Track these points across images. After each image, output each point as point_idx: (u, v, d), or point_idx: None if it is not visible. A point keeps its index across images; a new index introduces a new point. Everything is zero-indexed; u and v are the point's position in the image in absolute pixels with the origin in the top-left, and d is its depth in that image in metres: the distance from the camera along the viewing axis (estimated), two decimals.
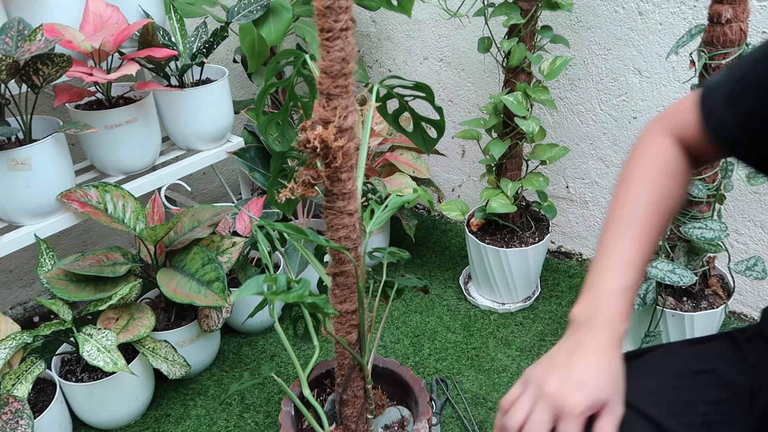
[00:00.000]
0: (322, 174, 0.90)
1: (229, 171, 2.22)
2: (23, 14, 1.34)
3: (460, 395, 1.47)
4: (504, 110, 1.55)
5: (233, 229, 1.63)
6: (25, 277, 1.82)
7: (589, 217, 1.84)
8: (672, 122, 0.72)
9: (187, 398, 1.52)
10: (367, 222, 0.98)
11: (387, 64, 2.13)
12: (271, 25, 1.59)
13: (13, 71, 1.20)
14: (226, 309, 1.52)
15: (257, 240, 1.01)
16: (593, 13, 1.58)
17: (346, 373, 1.09)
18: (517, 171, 1.66)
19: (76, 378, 1.38)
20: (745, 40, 1.16)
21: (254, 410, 1.48)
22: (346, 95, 0.85)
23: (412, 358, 1.60)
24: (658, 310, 1.38)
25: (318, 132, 0.84)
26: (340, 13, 0.79)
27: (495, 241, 1.68)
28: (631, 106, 1.61)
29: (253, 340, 1.69)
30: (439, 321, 1.72)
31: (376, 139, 1.83)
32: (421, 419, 1.13)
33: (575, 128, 1.74)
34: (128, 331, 1.35)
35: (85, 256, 1.39)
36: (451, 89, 1.99)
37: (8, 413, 1.18)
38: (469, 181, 2.10)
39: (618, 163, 1.69)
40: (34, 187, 1.32)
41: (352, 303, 1.02)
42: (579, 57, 1.65)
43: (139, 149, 1.51)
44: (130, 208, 1.42)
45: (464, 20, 1.83)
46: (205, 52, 1.58)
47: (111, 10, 1.40)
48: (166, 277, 1.40)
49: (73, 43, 1.29)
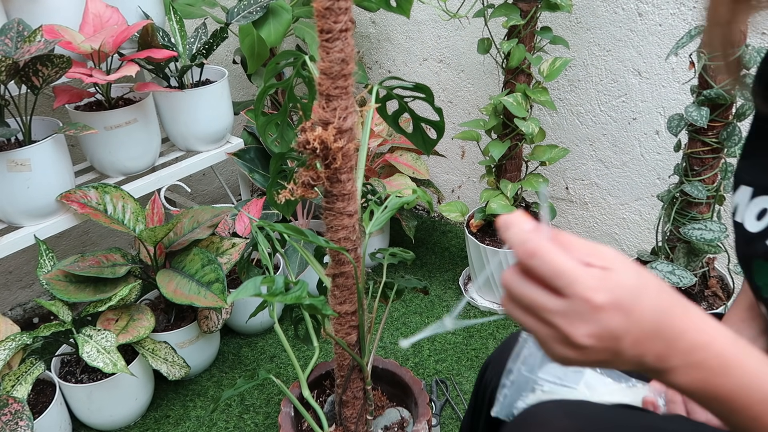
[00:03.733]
0: (322, 175, 0.90)
1: (228, 172, 2.22)
2: (23, 15, 1.34)
3: (460, 396, 1.47)
4: (504, 111, 1.55)
5: (233, 230, 1.63)
6: (25, 278, 1.82)
7: (588, 218, 1.84)
8: None
9: (186, 399, 1.52)
10: (367, 223, 0.98)
11: (386, 65, 2.13)
12: (270, 26, 1.60)
13: (13, 72, 1.20)
14: (225, 310, 1.51)
15: (257, 241, 1.01)
16: (593, 14, 1.58)
17: (345, 374, 1.09)
18: (517, 172, 1.66)
19: (75, 379, 1.38)
20: (745, 41, 1.16)
21: (254, 411, 1.48)
22: (346, 96, 0.85)
23: (412, 359, 1.60)
24: None
25: (317, 133, 0.84)
26: (339, 14, 0.79)
27: (495, 242, 1.68)
28: (631, 107, 1.61)
29: (253, 341, 1.69)
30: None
31: (376, 140, 1.83)
32: (420, 420, 1.13)
33: (575, 129, 1.74)
34: (128, 332, 1.35)
35: (85, 257, 1.39)
36: (451, 90, 1.99)
37: (8, 414, 1.18)
38: (468, 182, 2.10)
39: (618, 164, 1.70)
40: (34, 188, 1.32)
41: (352, 304, 1.02)
42: (578, 58, 1.65)
43: (139, 150, 1.51)
44: (130, 209, 1.42)
45: (464, 21, 1.83)
46: (205, 53, 1.58)
47: (110, 11, 1.40)
48: (166, 278, 1.40)
49: (72, 44, 1.29)
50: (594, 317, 0.42)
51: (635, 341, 0.43)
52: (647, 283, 0.44)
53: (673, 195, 1.34)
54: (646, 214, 1.70)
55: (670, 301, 0.45)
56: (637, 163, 1.65)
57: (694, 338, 0.44)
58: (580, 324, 0.42)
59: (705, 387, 0.45)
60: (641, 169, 1.65)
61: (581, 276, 0.42)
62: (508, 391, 0.76)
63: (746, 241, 0.61)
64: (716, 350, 0.45)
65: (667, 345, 0.44)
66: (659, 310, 0.43)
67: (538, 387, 0.75)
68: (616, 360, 0.45)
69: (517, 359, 0.77)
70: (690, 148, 1.29)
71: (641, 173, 1.66)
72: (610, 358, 0.44)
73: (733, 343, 0.45)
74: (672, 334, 0.44)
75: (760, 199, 0.60)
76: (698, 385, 0.45)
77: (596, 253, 0.44)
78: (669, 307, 0.44)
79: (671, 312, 0.44)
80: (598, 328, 0.42)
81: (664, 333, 0.44)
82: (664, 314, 0.44)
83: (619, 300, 0.42)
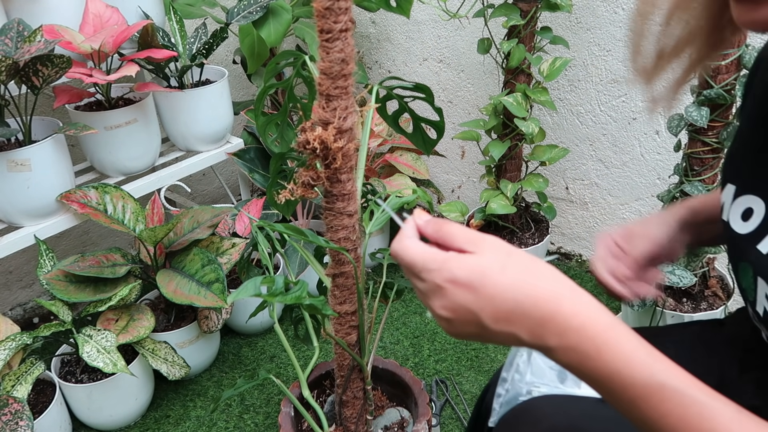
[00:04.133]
0: (322, 175, 0.90)
1: (228, 172, 2.22)
2: (23, 15, 1.34)
3: (460, 396, 1.47)
4: (504, 111, 1.55)
5: (233, 230, 1.63)
6: (25, 278, 1.82)
7: (588, 218, 1.84)
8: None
9: (186, 399, 1.52)
10: (367, 223, 0.98)
11: (386, 65, 2.13)
12: (270, 26, 1.60)
13: (13, 72, 1.20)
14: (225, 310, 1.52)
15: (257, 241, 1.01)
16: (593, 14, 1.58)
17: (345, 374, 1.09)
18: (517, 172, 1.66)
19: (75, 379, 1.38)
20: (745, 41, 1.17)
21: (254, 411, 1.48)
22: (346, 96, 0.85)
23: (412, 359, 1.60)
24: (658, 311, 1.37)
25: (317, 133, 0.84)
26: (339, 14, 0.79)
27: None
28: (631, 107, 1.61)
29: (253, 341, 1.69)
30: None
31: (376, 140, 1.83)
32: (420, 420, 1.13)
33: (575, 129, 1.74)
34: (128, 332, 1.35)
35: (85, 257, 1.39)
36: (451, 90, 1.99)
37: (8, 414, 1.18)
38: (468, 182, 2.10)
39: (618, 164, 1.70)
40: (34, 188, 1.32)
41: (352, 304, 1.02)
42: (578, 58, 1.65)
43: (139, 150, 1.51)
44: (130, 209, 1.42)
45: (464, 21, 1.83)
46: (205, 53, 1.58)
47: (111, 11, 1.40)
48: (166, 278, 1.40)
49: (72, 44, 1.29)
50: (441, 293, 0.49)
51: (494, 318, 0.48)
52: (506, 266, 0.48)
53: (673, 195, 1.34)
54: (646, 214, 1.70)
55: (535, 284, 0.48)
56: (637, 163, 1.65)
57: (567, 321, 0.47)
58: (435, 298, 0.50)
59: (582, 368, 0.47)
60: (641, 169, 1.65)
61: (426, 260, 0.50)
62: (504, 399, 0.75)
63: (733, 241, 0.61)
64: (590, 334, 0.46)
65: (537, 324, 0.47)
66: (517, 289, 0.47)
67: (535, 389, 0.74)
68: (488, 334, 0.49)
69: (510, 368, 0.77)
70: (690, 148, 1.29)
71: (641, 173, 1.66)
72: (481, 332, 0.49)
73: (611, 328, 0.47)
74: (539, 314, 0.47)
75: (744, 198, 0.60)
76: (576, 366, 0.48)
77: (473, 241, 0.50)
78: (531, 289, 0.47)
79: (535, 293, 0.47)
80: (448, 302, 0.49)
81: (530, 312, 0.47)
82: (524, 295, 0.47)
83: (461, 278, 0.48)
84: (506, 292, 0.47)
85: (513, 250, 0.50)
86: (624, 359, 0.46)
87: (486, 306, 0.47)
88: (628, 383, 0.46)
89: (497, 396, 0.76)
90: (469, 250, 0.49)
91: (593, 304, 0.48)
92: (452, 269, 0.48)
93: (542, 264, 0.49)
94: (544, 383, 0.74)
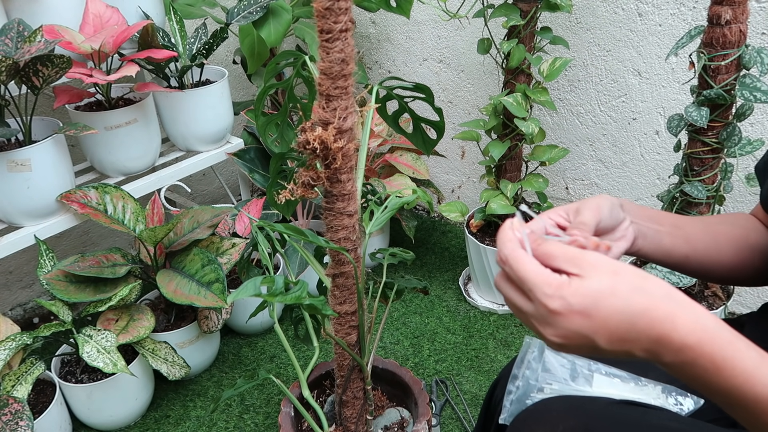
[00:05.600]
0: (322, 175, 0.90)
1: (228, 172, 2.23)
2: (23, 15, 1.34)
3: (460, 396, 1.47)
4: (503, 111, 1.56)
5: (233, 230, 1.63)
6: (25, 279, 1.82)
7: None
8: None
9: (186, 399, 1.52)
10: (367, 223, 0.98)
11: (386, 65, 2.13)
12: (270, 26, 1.60)
13: (13, 72, 1.20)
14: (225, 310, 1.52)
15: (257, 241, 1.01)
16: (593, 14, 1.58)
17: (345, 375, 1.09)
18: (517, 172, 1.66)
19: (75, 379, 1.38)
20: (745, 42, 1.17)
21: (254, 411, 1.48)
22: (346, 96, 0.85)
23: (412, 359, 1.60)
24: None
25: (317, 133, 0.84)
26: (339, 14, 0.79)
27: (495, 242, 1.68)
28: (631, 108, 1.61)
29: (253, 341, 1.69)
30: (438, 322, 1.72)
31: (376, 140, 1.83)
32: (420, 420, 1.13)
33: (575, 129, 1.74)
34: (128, 332, 1.35)
35: (85, 258, 1.39)
36: (451, 90, 1.99)
37: (8, 414, 1.18)
38: (468, 183, 2.10)
39: (618, 165, 1.70)
40: (34, 188, 1.32)
41: (352, 304, 1.02)
42: (578, 58, 1.65)
43: (139, 150, 1.51)
44: (130, 210, 1.42)
45: (464, 21, 1.83)
46: (205, 53, 1.58)
47: (111, 11, 1.40)
48: (166, 278, 1.40)
49: (72, 45, 1.29)
50: (554, 321, 0.48)
51: (609, 340, 0.47)
52: (616, 287, 0.47)
53: (673, 195, 1.34)
54: None
55: (647, 304, 0.47)
56: (637, 163, 1.65)
57: (682, 339, 0.46)
58: (546, 327, 0.48)
59: (700, 382, 0.47)
60: (641, 169, 1.66)
61: (540, 283, 0.48)
62: (515, 396, 0.75)
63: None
64: (706, 350, 0.46)
65: (653, 342, 0.47)
66: (631, 311, 0.47)
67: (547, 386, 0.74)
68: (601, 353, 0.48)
69: (521, 364, 0.76)
70: (690, 148, 1.29)
71: (641, 173, 1.66)
72: (593, 352, 0.48)
73: (729, 344, 0.46)
74: (654, 333, 0.47)
75: None
76: (693, 379, 0.47)
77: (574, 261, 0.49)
78: (645, 309, 0.47)
79: (648, 314, 0.47)
80: (563, 330, 0.48)
81: (645, 332, 0.47)
82: (638, 316, 0.47)
83: (576, 306, 0.47)
84: (620, 314, 0.47)
85: (618, 267, 0.49)
86: (744, 376, 0.45)
87: (600, 329, 0.47)
88: (751, 399, 0.45)
89: (508, 393, 0.76)
90: (572, 272, 0.48)
91: (710, 319, 0.47)
92: (566, 296, 0.47)
93: (651, 279, 0.49)
94: (556, 380, 0.74)
